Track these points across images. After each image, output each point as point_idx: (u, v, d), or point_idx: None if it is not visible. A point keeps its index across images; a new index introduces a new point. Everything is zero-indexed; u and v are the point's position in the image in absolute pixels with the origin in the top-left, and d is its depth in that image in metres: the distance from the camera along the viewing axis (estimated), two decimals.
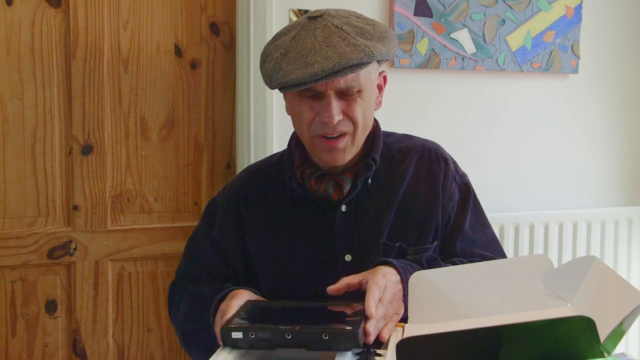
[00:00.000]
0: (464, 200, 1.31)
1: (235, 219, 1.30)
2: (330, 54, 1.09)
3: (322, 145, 1.18)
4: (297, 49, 1.12)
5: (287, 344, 0.92)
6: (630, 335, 2.23)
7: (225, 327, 0.95)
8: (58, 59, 1.80)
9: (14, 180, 1.79)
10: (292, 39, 1.15)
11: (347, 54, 1.09)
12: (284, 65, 1.12)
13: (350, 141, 1.19)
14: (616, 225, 2.20)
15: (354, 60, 1.09)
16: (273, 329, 0.93)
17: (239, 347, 0.94)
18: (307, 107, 1.17)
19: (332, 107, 1.13)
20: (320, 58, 1.09)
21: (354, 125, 1.18)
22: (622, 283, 0.89)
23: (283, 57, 1.13)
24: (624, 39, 2.26)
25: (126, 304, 1.90)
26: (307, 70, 1.08)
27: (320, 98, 1.15)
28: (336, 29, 1.13)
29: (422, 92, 2.04)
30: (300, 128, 1.21)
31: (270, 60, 1.16)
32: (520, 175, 2.18)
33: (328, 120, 1.14)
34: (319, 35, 1.12)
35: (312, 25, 1.15)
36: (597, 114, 2.26)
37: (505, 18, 2.07)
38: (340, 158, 1.19)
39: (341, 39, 1.11)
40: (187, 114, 1.92)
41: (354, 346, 0.92)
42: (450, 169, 1.31)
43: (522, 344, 0.81)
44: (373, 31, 1.15)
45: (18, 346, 1.82)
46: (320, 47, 1.10)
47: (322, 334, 0.91)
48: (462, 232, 1.28)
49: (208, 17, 1.92)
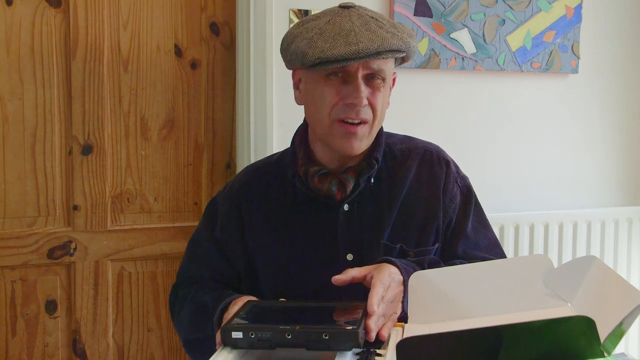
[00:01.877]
0: (466, 203, 1.31)
1: (236, 219, 1.30)
2: (373, 36, 1.13)
3: (342, 130, 1.18)
4: (334, 30, 1.15)
5: (287, 344, 0.92)
6: (630, 335, 2.23)
7: (226, 327, 0.95)
8: (58, 59, 1.80)
9: (14, 180, 1.79)
10: (326, 22, 1.17)
11: (388, 38, 1.14)
12: (320, 42, 1.14)
13: (368, 130, 1.20)
14: (616, 225, 2.20)
15: (395, 46, 1.14)
16: (273, 329, 0.93)
17: (239, 347, 0.94)
18: (333, 90, 1.17)
19: (361, 89, 1.16)
20: (363, 39, 1.12)
21: (374, 114, 1.19)
22: (622, 283, 0.89)
23: (319, 36, 1.15)
24: (624, 39, 2.26)
25: (126, 304, 1.90)
26: (351, 48, 1.11)
27: (347, 82, 1.17)
28: (371, 19, 1.17)
29: (422, 92, 2.04)
30: (319, 113, 1.20)
31: (303, 39, 1.16)
32: (520, 175, 2.18)
33: (356, 101, 1.15)
34: (356, 21, 1.16)
35: (346, 13, 1.18)
36: (597, 114, 2.26)
37: (505, 18, 2.07)
38: (357, 146, 1.20)
39: (379, 27, 1.16)
40: (187, 114, 1.92)
41: (355, 346, 0.92)
42: (452, 172, 1.31)
43: (522, 344, 0.81)
44: (402, 28, 1.20)
45: (18, 346, 1.82)
46: (359, 30, 1.14)
47: (323, 334, 0.91)
48: (464, 234, 1.29)
49: (208, 17, 1.92)
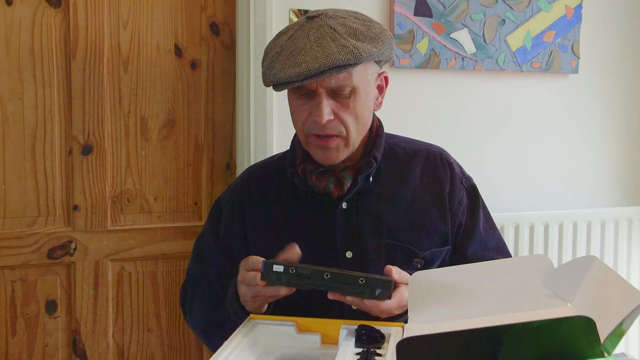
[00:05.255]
0: (473, 203, 1.32)
1: (239, 219, 1.32)
2: (319, 54, 1.11)
3: (315, 143, 1.20)
4: (290, 48, 1.15)
5: (324, 285, 0.99)
6: (630, 335, 2.23)
7: (268, 261, 1.00)
8: (58, 59, 1.80)
9: (14, 180, 1.79)
10: (288, 38, 1.17)
11: (333, 54, 1.11)
12: (277, 64, 1.15)
13: (342, 143, 1.20)
14: (616, 225, 2.20)
15: (340, 61, 1.10)
16: (313, 268, 1.00)
17: (276, 282, 1.00)
18: (302, 106, 1.19)
19: (322, 106, 1.15)
20: (308, 58, 1.11)
21: (346, 128, 1.19)
22: (622, 283, 0.89)
23: (277, 55, 1.16)
24: (624, 39, 2.26)
25: (126, 304, 1.90)
26: (295, 70, 1.11)
27: (312, 97, 1.17)
28: (329, 30, 1.14)
29: (422, 92, 2.04)
30: (296, 126, 1.24)
31: (267, 59, 1.19)
32: (520, 175, 2.18)
33: (317, 119, 1.16)
34: (312, 35, 1.14)
35: (308, 25, 1.17)
36: (597, 113, 2.26)
37: (505, 18, 2.07)
38: (334, 157, 1.21)
39: (332, 40, 1.13)
40: (187, 114, 1.92)
41: (386, 296, 0.99)
42: (456, 173, 1.32)
43: (522, 344, 0.81)
44: (367, 32, 1.16)
45: (18, 346, 1.82)
46: (310, 47, 1.12)
47: (359, 279, 0.98)
48: (476, 234, 1.30)
49: (208, 17, 1.92)
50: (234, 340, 0.97)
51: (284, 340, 1.03)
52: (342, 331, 1.01)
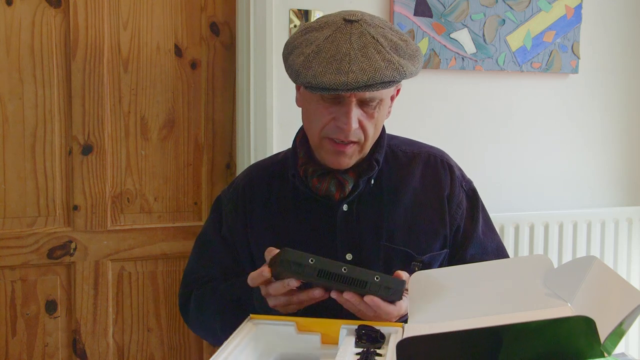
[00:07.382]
0: (473, 207, 1.32)
1: (241, 217, 1.31)
2: (366, 66, 1.08)
3: (331, 148, 1.19)
4: (330, 51, 1.10)
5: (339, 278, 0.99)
6: (630, 335, 2.23)
7: (286, 249, 0.99)
8: (58, 59, 1.80)
9: (14, 180, 1.79)
10: (325, 38, 1.13)
11: (382, 69, 1.08)
12: (315, 64, 1.10)
13: (358, 149, 1.20)
14: (616, 225, 2.20)
15: (388, 77, 1.09)
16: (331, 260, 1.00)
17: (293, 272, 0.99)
18: (325, 109, 1.16)
19: (352, 115, 1.13)
20: (355, 68, 1.08)
21: (365, 136, 1.18)
22: (622, 283, 0.89)
23: (315, 55, 1.11)
24: (624, 39, 2.26)
25: (126, 304, 1.90)
26: (341, 78, 1.07)
27: (340, 103, 1.15)
28: (372, 40, 1.11)
29: (422, 92, 2.04)
30: (311, 126, 1.21)
31: (299, 55, 1.14)
32: (520, 175, 2.18)
33: (345, 127, 1.14)
34: (355, 42, 1.11)
35: (348, 30, 1.13)
36: (597, 113, 2.26)
37: (505, 18, 2.07)
38: (346, 163, 1.20)
39: (377, 52, 1.10)
40: (187, 114, 1.92)
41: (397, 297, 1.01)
42: (457, 176, 1.32)
43: (522, 344, 0.81)
44: (406, 48, 1.14)
45: (18, 346, 1.82)
46: (355, 56, 1.09)
47: (375, 276, 1.00)
48: (475, 238, 1.29)
49: (208, 17, 1.92)
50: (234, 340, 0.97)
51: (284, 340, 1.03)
52: (342, 331, 1.01)
